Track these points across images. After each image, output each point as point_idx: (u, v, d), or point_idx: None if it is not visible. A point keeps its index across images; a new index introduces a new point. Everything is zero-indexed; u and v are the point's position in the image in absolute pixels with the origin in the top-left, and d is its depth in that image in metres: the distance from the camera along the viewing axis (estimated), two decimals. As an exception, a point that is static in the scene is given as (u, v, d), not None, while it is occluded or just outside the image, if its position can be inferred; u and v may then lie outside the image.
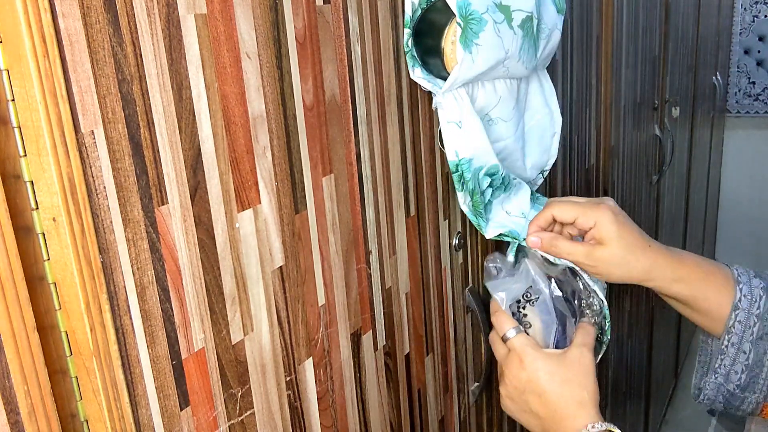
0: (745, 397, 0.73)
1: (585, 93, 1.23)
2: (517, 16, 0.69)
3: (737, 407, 0.74)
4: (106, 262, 0.38)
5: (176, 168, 0.42)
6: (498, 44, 0.67)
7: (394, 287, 0.69)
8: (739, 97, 3.04)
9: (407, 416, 0.74)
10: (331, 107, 0.56)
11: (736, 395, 0.73)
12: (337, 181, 0.58)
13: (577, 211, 0.71)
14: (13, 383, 0.36)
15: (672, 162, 1.98)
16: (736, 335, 0.71)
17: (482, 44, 0.65)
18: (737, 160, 3.13)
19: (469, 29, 0.63)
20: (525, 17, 0.70)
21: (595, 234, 0.70)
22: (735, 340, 0.71)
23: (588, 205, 0.71)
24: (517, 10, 0.69)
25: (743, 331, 0.71)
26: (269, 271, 0.51)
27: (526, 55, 0.72)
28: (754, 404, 0.73)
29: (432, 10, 0.66)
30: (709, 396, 0.75)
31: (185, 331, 0.44)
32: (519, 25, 0.69)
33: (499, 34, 0.66)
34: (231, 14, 0.45)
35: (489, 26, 0.65)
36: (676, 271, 0.71)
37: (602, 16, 1.27)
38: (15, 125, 0.35)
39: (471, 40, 0.64)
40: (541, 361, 0.70)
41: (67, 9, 0.35)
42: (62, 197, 0.36)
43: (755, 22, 2.93)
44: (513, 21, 0.69)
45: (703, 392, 0.75)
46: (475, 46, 0.64)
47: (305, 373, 0.56)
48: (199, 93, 0.44)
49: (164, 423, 0.43)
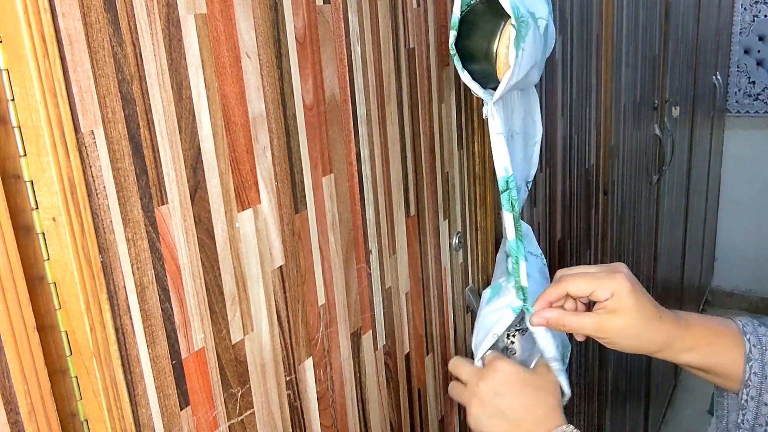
0: None
1: (585, 93, 1.22)
2: (541, 23, 0.68)
3: None
4: (106, 262, 0.38)
5: (176, 168, 0.42)
6: (534, 50, 0.65)
7: (394, 287, 0.69)
8: (739, 97, 3.04)
9: (407, 416, 0.74)
10: (331, 107, 0.56)
11: None
12: (337, 181, 0.58)
13: (594, 285, 0.68)
14: (13, 383, 0.36)
15: (672, 162, 1.98)
16: (754, 388, 0.70)
17: (526, 48, 0.63)
18: (737, 160, 3.13)
19: (520, 32, 0.61)
20: (545, 24, 0.69)
21: (610, 304, 0.67)
22: (754, 393, 0.70)
23: (603, 276, 0.68)
24: (540, 18, 0.68)
25: (761, 383, 0.69)
26: (269, 271, 0.51)
27: (541, 62, 0.71)
28: None
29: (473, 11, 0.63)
30: None
31: (185, 330, 0.44)
32: (543, 32, 0.69)
33: (535, 40, 0.65)
34: (231, 14, 0.45)
35: (531, 30, 0.63)
36: (686, 341, 0.69)
37: (602, 15, 1.27)
38: (15, 125, 0.35)
39: (519, 44, 0.62)
40: (516, 366, 0.73)
41: (67, 9, 0.35)
42: (62, 197, 0.36)
43: (755, 21, 2.93)
44: (539, 28, 0.68)
45: None
46: (521, 50, 0.62)
47: (305, 373, 0.56)
48: (199, 93, 0.44)
49: (164, 423, 0.43)
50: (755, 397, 0.70)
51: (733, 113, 3.07)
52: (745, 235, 3.19)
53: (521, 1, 0.64)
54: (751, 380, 0.70)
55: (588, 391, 1.44)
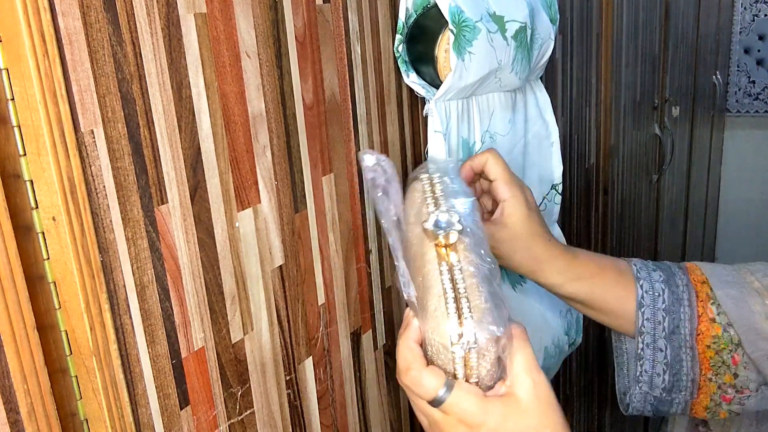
0: (672, 399, 0.71)
1: (585, 92, 1.22)
2: (511, 26, 0.68)
3: (666, 412, 0.72)
4: (105, 262, 0.38)
5: (176, 167, 0.42)
6: (491, 54, 0.66)
7: (393, 286, 0.69)
8: (739, 97, 3.04)
9: (407, 416, 0.74)
10: (330, 106, 0.56)
11: (663, 400, 0.71)
12: (337, 181, 0.58)
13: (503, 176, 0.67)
14: (13, 382, 0.36)
15: (672, 161, 1.98)
16: (648, 335, 0.69)
17: (475, 53, 0.64)
18: (737, 160, 3.13)
19: (462, 36, 0.62)
20: (518, 28, 0.69)
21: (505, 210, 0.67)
22: (649, 340, 0.70)
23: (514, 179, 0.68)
24: (510, 21, 0.68)
25: (654, 329, 0.69)
26: (269, 271, 0.51)
27: (519, 66, 0.71)
28: (683, 405, 0.71)
29: (425, 16, 0.65)
30: (637, 407, 0.73)
31: (185, 330, 0.44)
32: (512, 36, 0.69)
33: (492, 43, 0.65)
34: (231, 13, 0.45)
35: (482, 35, 0.64)
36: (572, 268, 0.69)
37: (602, 15, 1.27)
38: (15, 124, 0.35)
39: (464, 48, 0.63)
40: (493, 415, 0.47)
41: (67, 8, 0.35)
42: (62, 196, 0.36)
43: (755, 21, 2.93)
44: (507, 32, 0.68)
45: (631, 405, 0.73)
46: (468, 54, 0.63)
47: (305, 372, 0.56)
48: (199, 92, 0.44)
49: (164, 422, 0.43)
50: (650, 344, 0.70)
51: (733, 113, 3.07)
52: (745, 235, 3.19)
53: (475, 5, 0.64)
54: (645, 327, 0.70)
55: (588, 391, 1.44)
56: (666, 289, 0.70)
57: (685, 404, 0.71)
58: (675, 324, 0.69)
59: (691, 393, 0.70)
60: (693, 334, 0.69)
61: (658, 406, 0.72)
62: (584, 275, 0.70)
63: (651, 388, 0.71)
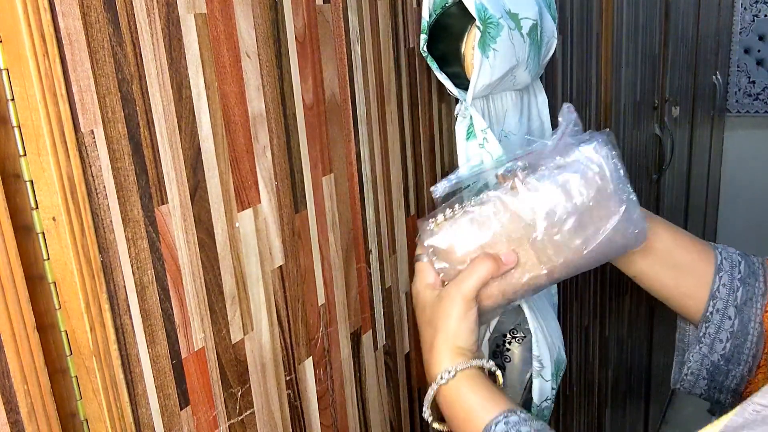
0: (729, 370, 0.70)
1: (585, 92, 1.22)
2: (525, 23, 0.68)
3: (721, 383, 0.71)
4: (105, 262, 0.38)
5: (176, 167, 0.42)
6: (511, 51, 0.66)
7: (393, 287, 0.69)
8: (739, 97, 3.04)
9: (407, 416, 0.74)
10: (330, 107, 0.56)
11: (720, 368, 0.70)
12: (337, 181, 0.58)
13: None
14: (13, 383, 0.36)
15: (672, 161, 1.98)
16: (721, 300, 0.69)
17: (499, 50, 0.64)
18: (737, 160, 3.13)
19: (487, 33, 0.62)
20: (532, 25, 0.69)
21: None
22: (720, 306, 0.69)
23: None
24: (524, 18, 0.68)
25: (728, 295, 0.69)
26: (269, 271, 0.51)
27: (532, 63, 0.72)
28: (738, 379, 0.70)
29: (447, 15, 0.65)
30: (693, 370, 0.72)
31: (185, 330, 0.44)
32: (527, 32, 0.69)
33: (512, 40, 0.66)
34: (231, 13, 0.45)
35: (505, 32, 0.64)
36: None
37: (602, 15, 1.27)
38: (15, 125, 0.35)
39: (489, 45, 0.63)
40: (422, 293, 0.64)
41: (67, 8, 0.35)
42: (62, 196, 0.36)
43: (755, 21, 2.93)
44: (522, 29, 0.68)
45: (687, 365, 0.72)
46: (492, 51, 0.63)
47: (305, 373, 0.56)
48: (199, 92, 0.44)
49: (164, 422, 0.43)
50: (721, 310, 0.69)
51: (733, 113, 3.07)
52: (745, 235, 3.19)
53: (495, 2, 0.64)
54: (720, 292, 0.69)
55: (588, 390, 1.44)
56: (742, 261, 0.70)
57: (741, 379, 0.70)
58: (748, 296, 0.68)
59: (750, 369, 0.69)
60: (763, 309, 0.68)
61: (714, 374, 0.71)
62: (658, 247, 0.70)
63: (710, 351, 0.70)
